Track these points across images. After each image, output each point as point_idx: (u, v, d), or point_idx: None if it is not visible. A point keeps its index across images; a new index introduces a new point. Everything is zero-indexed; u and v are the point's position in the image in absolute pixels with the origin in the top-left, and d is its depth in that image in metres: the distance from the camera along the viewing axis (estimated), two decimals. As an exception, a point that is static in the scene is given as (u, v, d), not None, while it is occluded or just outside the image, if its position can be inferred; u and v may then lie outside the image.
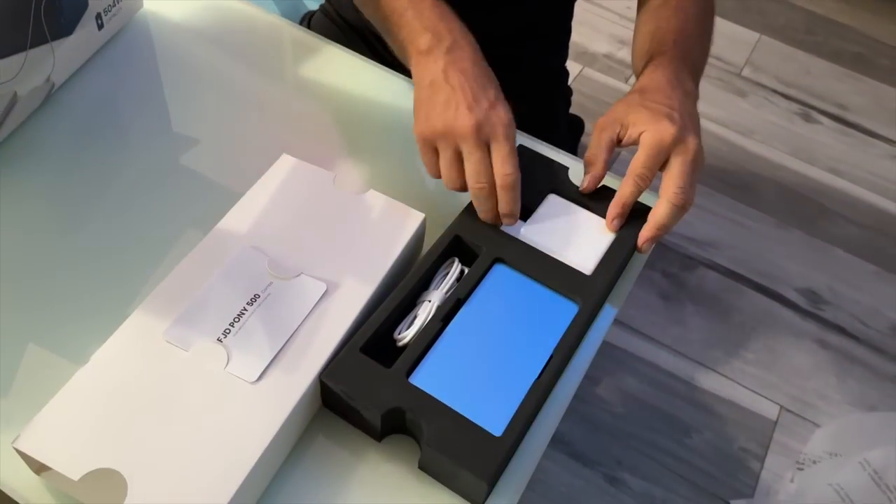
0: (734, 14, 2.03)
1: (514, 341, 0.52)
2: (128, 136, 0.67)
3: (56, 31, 0.64)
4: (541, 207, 0.60)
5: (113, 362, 0.46)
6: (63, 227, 0.60)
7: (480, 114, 0.54)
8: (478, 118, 0.54)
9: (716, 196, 1.60)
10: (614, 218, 0.58)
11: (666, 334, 1.36)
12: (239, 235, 0.54)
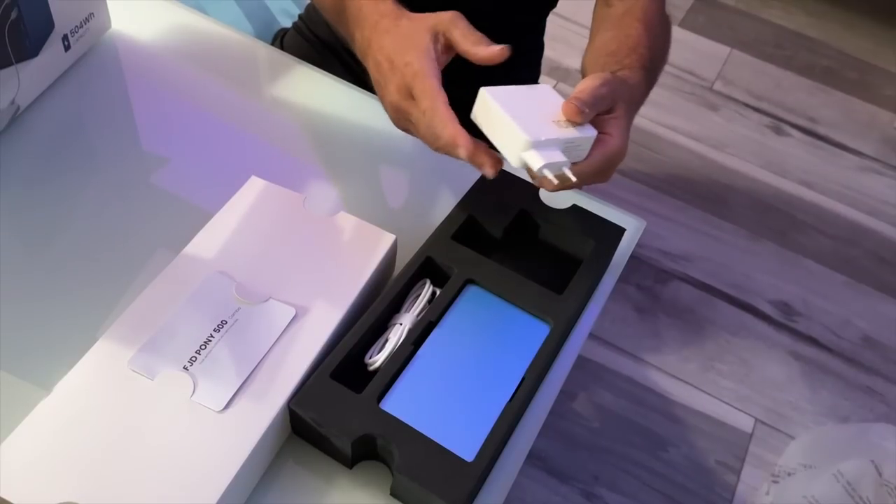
0: (705, 29, 2.06)
1: (485, 363, 0.52)
2: (95, 158, 0.66)
3: (21, 54, 0.63)
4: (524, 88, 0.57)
5: (77, 392, 0.46)
6: (28, 250, 0.59)
7: (393, 86, 0.56)
8: (391, 97, 0.57)
9: (688, 209, 1.61)
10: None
11: (641, 347, 1.37)
12: (206, 260, 0.53)
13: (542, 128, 0.52)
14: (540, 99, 0.56)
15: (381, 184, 0.68)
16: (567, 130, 0.53)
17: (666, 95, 1.85)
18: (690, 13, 2.10)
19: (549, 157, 0.52)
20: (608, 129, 0.55)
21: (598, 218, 0.62)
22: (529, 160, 0.52)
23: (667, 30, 0.73)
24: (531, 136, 0.51)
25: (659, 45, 0.69)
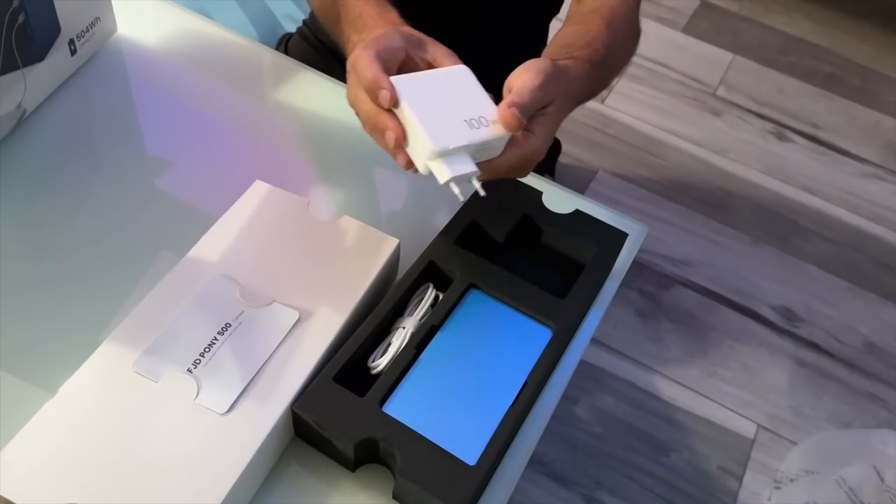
0: (708, 34, 2.06)
1: (488, 368, 0.52)
2: (100, 162, 0.66)
3: (27, 58, 0.63)
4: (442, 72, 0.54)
5: (81, 394, 0.46)
6: (33, 253, 0.59)
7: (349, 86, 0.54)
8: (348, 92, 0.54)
9: (691, 214, 1.61)
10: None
11: (643, 353, 1.37)
12: (210, 263, 0.54)
13: (451, 131, 0.49)
14: (455, 88, 0.52)
15: (385, 188, 0.68)
16: (480, 131, 0.50)
17: (669, 101, 1.86)
18: (693, 19, 2.11)
19: (457, 168, 0.49)
20: (532, 127, 0.53)
21: (601, 223, 0.62)
22: (435, 171, 0.49)
23: (632, 34, 0.72)
24: (437, 143, 0.48)
25: (618, 45, 0.67)
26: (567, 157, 1.67)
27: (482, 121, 0.50)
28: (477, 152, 0.50)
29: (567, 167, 1.66)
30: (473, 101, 0.52)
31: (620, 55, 0.70)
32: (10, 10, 0.60)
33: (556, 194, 0.67)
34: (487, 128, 0.50)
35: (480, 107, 0.52)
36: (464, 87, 0.53)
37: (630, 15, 0.71)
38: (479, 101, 0.52)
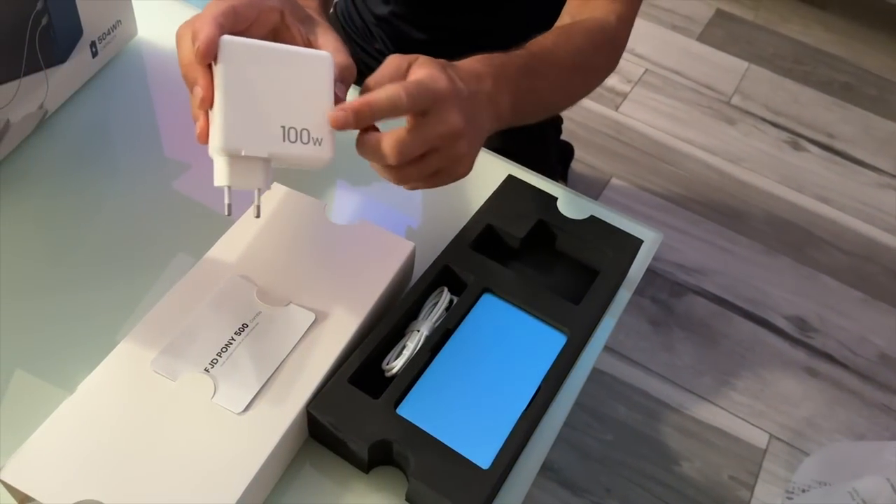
0: (723, 43, 2.06)
1: (502, 372, 0.52)
2: (119, 163, 0.67)
3: (50, 59, 0.64)
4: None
5: (100, 392, 0.46)
6: (53, 252, 0.60)
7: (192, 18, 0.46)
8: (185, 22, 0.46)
9: (704, 223, 1.61)
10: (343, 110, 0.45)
11: (655, 361, 1.36)
12: (228, 264, 0.54)
13: (255, 133, 0.40)
14: (299, 79, 0.42)
15: (401, 192, 0.69)
16: (290, 147, 0.41)
17: (683, 109, 1.85)
18: (709, 27, 2.10)
19: (239, 179, 0.41)
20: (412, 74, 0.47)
21: (616, 229, 0.62)
22: (215, 168, 0.42)
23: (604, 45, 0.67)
24: (228, 142, 0.40)
25: (574, 49, 0.62)
26: (580, 163, 1.67)
27: (303, 135, 0.42)
28: (281, 165, 0.44)
29: (580, 174, 1.66)
30: (311, 103, 0.43)
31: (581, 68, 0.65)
32: (34, 13, 0.61)
33: (571, 200, 0.67)
34: (304, 146, 0.42)
35: (313, 114, 0.43)
36: (312, 82, 0.43)
37: (600, 29, 0.67)
38: (316, 107, 0.43)
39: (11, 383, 0.52)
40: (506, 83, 0.54)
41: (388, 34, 0.92)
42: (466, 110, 0.48)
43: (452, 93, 0.47)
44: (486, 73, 0.53)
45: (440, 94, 0.47)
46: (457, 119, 0.47)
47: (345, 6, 0.98)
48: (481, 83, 0.52)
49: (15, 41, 0.60)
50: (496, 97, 0.53)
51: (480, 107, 0.51)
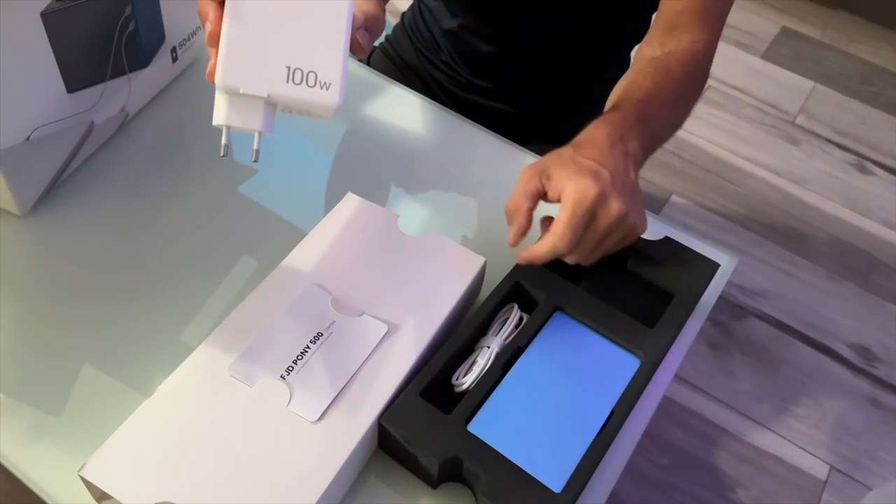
0: (788, 62, 2.01)
1: (574, 394, 0.52)
2: (194, 165, 0.68)
3: (133, 64, 0.66)
4: None
5: (178, 395, 0.47)
6: (129, 253, 0.61)
7: None
8: None
9: (766, 244, 1.57)
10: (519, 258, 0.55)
11: (714, 385, 1.33)
12: (304, 273, 0.54)
13: (257, 71, 0.38)
14: (313, 19, 0.39)
15: (472, 205, 0.68)
16: (294, 89, 0.39)
17: (746, 127, 1.82)
18: (773, 45, 2.06)
19: (239, 116, 0.40)
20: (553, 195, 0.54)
21: (692, 251, 0.61)
22: (215, 106, 0.41)
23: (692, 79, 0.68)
24: (226, 79, 0.38)
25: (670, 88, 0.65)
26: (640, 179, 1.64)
27: (309, 77, 0.39)
28: (288, 109, 0.42)
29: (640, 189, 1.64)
30: (324, 45, 0.39)
31: (684, 100, 0.68)
32: (122, 19, 0.62)
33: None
34: (310, 89, 0.40)
35: (324, 56, 0.39)
36: (328, 22, 0.39)
37: (693, 60, 0.68)
38: (328, 49, 0.39)
39: (91, 384, 0.53)
40: (630, 133, 0.58)
41: (456, 46, 0.92)
42: (618, 187, 0.53)
43: (602, 191, 0.52)
44: (613, 132, 0.57)
45: (595, 201, 0.51)
46: (616, 205, 0.52)
47: (412, 18, 0.99)
48: (614, 145, 0.56)
49: (103, 46, 0.61)
50: (628, 149, 0.57)
51: (623, 168, 0.55)
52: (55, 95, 0.58)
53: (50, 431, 0.50)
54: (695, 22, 0.71)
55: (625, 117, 0.60)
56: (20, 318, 0.56)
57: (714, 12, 0.72)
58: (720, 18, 0.73)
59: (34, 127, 0.57)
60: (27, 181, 0.60)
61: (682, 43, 0.69)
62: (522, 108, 0.93)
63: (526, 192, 0.55)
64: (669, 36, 0.71)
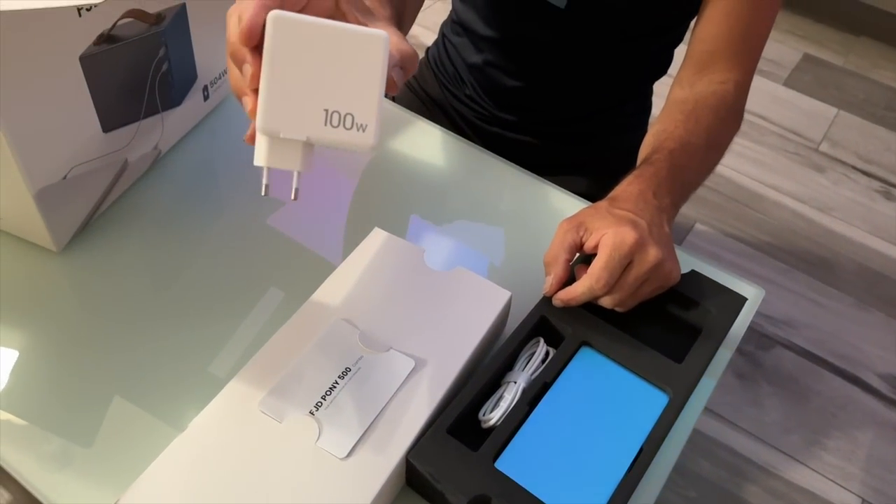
0: (811, 88, 2.01)
1: (602, 430, 0.51)
2: (224, 200, 0.69)
3: (167, 103, 0.67)
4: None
5: (210, 430, 0.47)
6: (160, 287, 0.62)
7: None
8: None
9: (792, 273, 1.56)
10: (556, 300, 0.57)
11: (742, 416, 1.32)
12: (332, 307, 0.55)
13: (296, 115, 0.40)
14: (349, 60, 0.40)
15: (497, 239, 0.69)
16: (331, 132, 0.40)
17: (769, 154, 1.81)
18: (796, 72, 2.06)
19: (278, 159, 0.41)
20: (590, 244, 0.55)
21: (718, 285, 0.60)
22: (256, 147, 0.42)
23: (724, 120, 0.69)
24: (267, 124, 0.39)
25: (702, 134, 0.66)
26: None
27: (346, 119, 0.40)
28: (323, 146, 0.43)
29: (661, 219, 1.63)
30: (360, 87, 0.40)
31: (717, 145, 0.69)
32: (156, 60, 0.64)
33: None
34: (346, 131, 0.41)
35: (360, 99, 0.40)
36: (364, 64, 0.40)
37: (723, 103, 0.69)
38: (364, 91, 0.40)
39: (121, 415, 0.54)
40: (662, 188, 0.60)
41: (480, 81, 0.93)
42: (654, 237, 0.55)
43: (640, 238, 0.53)
44: (646, 189, 0.59)
45: (633, 247, 0.53)
46: (653, 253, 0.54)
47: (436, 52, 1.00)
48: (648, 201, 0.58)
49: (137, 87, 0.63)
50: (661, 204, 0.59)
51: (658, 221, 0.57)
52: (91, 135, 0.60)
53: (79, 461, 0.51)
54: (725, 61, 0.71)
55: (657, 172, 0.61)
56: (55, 352, 0.57)
57: (744, 50, 0.72)
58: (752, 56, 0.73)
59: (71, 166, 0.59)
60: (63, 219, 0.61)
61: (711, 84, 0.70)
62: (545, 139, 0.94)
63: (563, 243, 0.57)
64: (700, 75, 0.71)
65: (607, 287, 0.54)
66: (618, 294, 0.55)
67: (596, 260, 0.54)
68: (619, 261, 0.54)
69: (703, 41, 0.72)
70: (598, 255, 0.55)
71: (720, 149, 0.70)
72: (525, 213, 0.71)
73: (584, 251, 0.57)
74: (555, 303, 0.57)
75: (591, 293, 0.55)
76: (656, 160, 0.63)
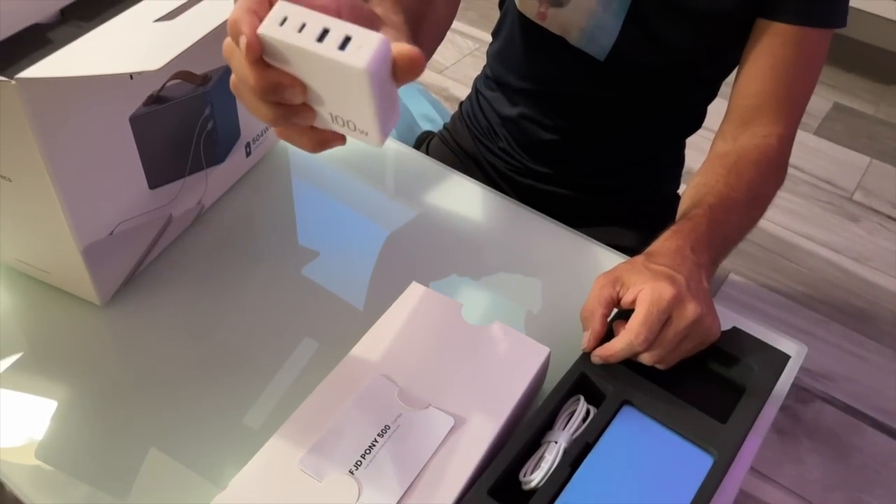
0: (842, 137, 2.00)
1: (646, 493, 0.50)
2: (263, 252, 0.70)
3: (211, 160, 0.69)
4: None
5: (250, 488, 0.47)
6: (201, 339, 0.63)
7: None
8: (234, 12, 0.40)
9: (830, 324, 1.53)
10: (595, 356, 0.56)
11: (782, 473, 1.28)
12: (371, 363, 0.55)
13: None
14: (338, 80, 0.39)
15: (535, 294, 0.69)
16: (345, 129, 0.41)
17: (803, 204, 1.80)
18: (826, 121, 2.05)
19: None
20: (627, 299, 0.55)
21: (760, 342, 0.60)
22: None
23: (767, 175, 0.69)
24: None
25: (743, 189, 0.66)
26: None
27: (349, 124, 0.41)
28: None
29: (694, 269, 1.62)
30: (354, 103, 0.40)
31: (758, 200, 0.68)
32: (202, 118, 0.66)
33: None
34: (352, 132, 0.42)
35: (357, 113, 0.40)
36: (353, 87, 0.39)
37: (765, 157, 0.69)
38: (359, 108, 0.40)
39: (163, 473, 0.54)
40: (701, 244, 0.60)
41: (514, 134, 0.94)
42: (693, 292, 0.54)
43: (678, 293, 0.53)
44: (684, 244, 0.59)
45: (671, 303, 0.53)
46: (693, 307, 0.53)
47: (469, 107, 1.02)
48: (685, 257, 0.58)
49: (184, 144, 0.65)
50: (699, 260, 0.59)
51: (696, 277, 0.57)
52: (138, 192, 0.62)
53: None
54: (769, 115, 0.71)
55: (695, 227, 0.61)
56: (94, 403, 0.57)
57: (788, 105, 0.72)
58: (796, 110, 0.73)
59: (118, 222, 0.61)
60: (108, 273, 0.63)
61: (754, 137, 0.70)
62: (578, 191, 0.95)
63: (600, 298, 0.56)
64: (743, 129, 0.71)
65: (647, 343, 0.53)
66: (658, 351, 0.54)
67: (634, 315, 0.54)
68: (657, 316, 0.53)
69: (747, 96, 0.72)
70: (636, 310, 0.54)
71: (762, 204, 0.69)
72: (561, 265, 0.71)
73: (622, 306, 0.57)
74: (593, 360, 0.56)
75: (631, 349, 0.54)
76: (695, 215, 0.63)
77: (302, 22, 0.38)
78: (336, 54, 0.37)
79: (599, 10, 0.77)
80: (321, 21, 0.38)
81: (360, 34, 0.37)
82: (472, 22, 2.20)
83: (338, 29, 0.38)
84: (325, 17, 0.38)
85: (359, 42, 0.37)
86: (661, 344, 0.54)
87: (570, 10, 0.79)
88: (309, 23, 0.38)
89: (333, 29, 0.38)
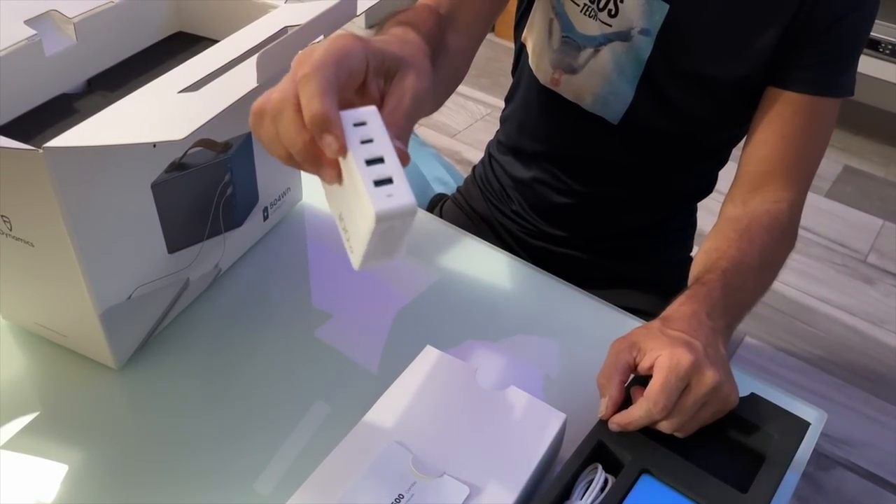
0: (854, 199, 2.01)
1: (666, 565, 0.49)
2: (277, 315, 0.70)
3: (229, 224, 0.70)
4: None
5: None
6: (215, 403, 0.62)
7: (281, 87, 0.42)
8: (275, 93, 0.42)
9: (848, 388, 1.50)
10: (613, 424, 0.55)
11: (804, 543, 1.25)
12: (385, 429, 0.55)
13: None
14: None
15: (549, 357, 0.69)
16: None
17: (817, 267, 1.79)
18: (837, 184, 2.06)
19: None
20: (644, 365, 0.55)
21: (780, 409, 0.59)
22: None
23: (777, 240, 0.69)
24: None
25: (755, 254, 0.66)
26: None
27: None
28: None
29: (708, 331, 1.61)
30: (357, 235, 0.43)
31: (770, 265, 0.69)
32: (221, 184, 0.67)
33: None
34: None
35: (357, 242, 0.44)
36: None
37: (776, 223, 0.70)
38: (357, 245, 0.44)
39: (173, 539, 0.53)
40: (716, 310, 0.60)
41: (527, 197, 0.95)
42: (711, 358, 0.54)
43: (696, 359, 0.53)
44: (700, 309, 0.59)
45: (689, 370, 0.52)
46: (711, 374, 0.53)
47: (482, 170, 1.03)
48: (702, 322, 0.58)
49: (203, 210, 0.66)
50: (715, 325, 0.58)
51: (713, 343, 0.57)
52: (157, 257, 0.62)
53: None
54: (779, 181, 0.72)
55: (710, 293, 0.61)
56: (105, 467, 0.57)
57: (798, 171, 0.73)
58: (806, 176, 0.74)
59: (136, 286, 0.61)
60: (125, 337, 0.63)
61: (765, 203, 0.70)
62: (590, 254, 0.95)
63: (617, 364, 0.56)
64: (753, 194, 0.72)
65: (665, 410, 0.53)
66: (676, 418, 0.54)
67: (652, 382, 0.54)
68: (676, 383, 0.53)
69: (757, 162, 0.73)
70: (654, 377, 0.54)
71: (774, 269, 0.69)
72: (575, 328, 0.71)
73: (639, 372, 0.57)
74: (611, 427, 0.56)
75: (650, 417, 0.54)
76: (709, 280, 0.63)
77: (371, 137, 0.41)
78: (368, 185, 0.40)
79: (614, 77, 0.79)
80: (383, 149, 0.41)
81: (401, 185, 0.40)
82: (484, 88, 2.25)
83: (389, 167, 0.40)
84: (390, 147, 0.41)
85: (392, 190, 0.39)
86: (680, 411, 0.53)
87: (584, 77, 0.81)
88: (375, 141, 0.41)
89: (386, 163, 0.40)
